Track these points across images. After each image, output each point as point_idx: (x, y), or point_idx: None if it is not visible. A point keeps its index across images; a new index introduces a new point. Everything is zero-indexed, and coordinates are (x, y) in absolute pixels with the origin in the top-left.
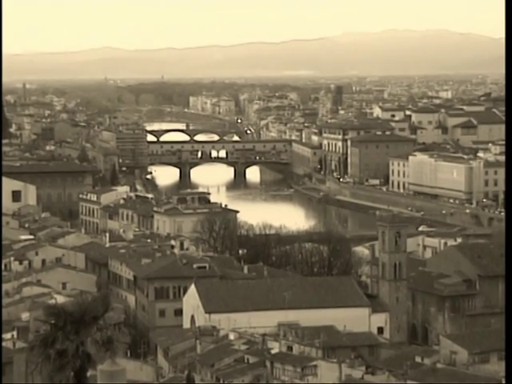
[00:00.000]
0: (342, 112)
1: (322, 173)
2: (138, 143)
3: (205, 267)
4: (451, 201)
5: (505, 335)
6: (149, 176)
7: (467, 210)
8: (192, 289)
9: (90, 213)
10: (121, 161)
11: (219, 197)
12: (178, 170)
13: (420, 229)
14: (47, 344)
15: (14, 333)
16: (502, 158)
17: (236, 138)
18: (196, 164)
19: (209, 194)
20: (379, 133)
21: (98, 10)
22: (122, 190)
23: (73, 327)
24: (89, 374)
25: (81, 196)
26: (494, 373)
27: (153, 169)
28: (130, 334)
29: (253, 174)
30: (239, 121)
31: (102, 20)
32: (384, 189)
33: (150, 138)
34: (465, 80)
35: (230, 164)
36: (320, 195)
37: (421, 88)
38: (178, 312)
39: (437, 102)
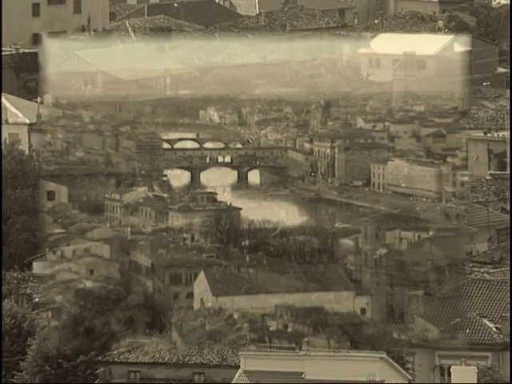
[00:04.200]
0: (330, 123)
1: (313, 175)
2: (155, 150)
3: (213, 256)
4: (424, 199)
5: None
6: (164, 178)
7: (438, 208)
8: (201, 275)
9: (113, 210)
10: (140, 165)
11: (225, 196)
12: (189, 173)
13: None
14: (77, 323)
15: (49, 313)
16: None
17: (239, 145)
18: (205, 168)
19: (216, 193)
20: (362, 141)
21: None
22: (141, 191)
23: (99, 308)
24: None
25: (106, 195)
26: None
27: (168, 172)
28: (148, 314)
29: (254, 176)
30: (242, 131)
31: None
32: (366, 189)
33: (166, 145)
34: (435, 95)
35: (234, 168)
36: (311, 195)
37: (398, 103)
38: (190, 295)
39: (412, 114)
